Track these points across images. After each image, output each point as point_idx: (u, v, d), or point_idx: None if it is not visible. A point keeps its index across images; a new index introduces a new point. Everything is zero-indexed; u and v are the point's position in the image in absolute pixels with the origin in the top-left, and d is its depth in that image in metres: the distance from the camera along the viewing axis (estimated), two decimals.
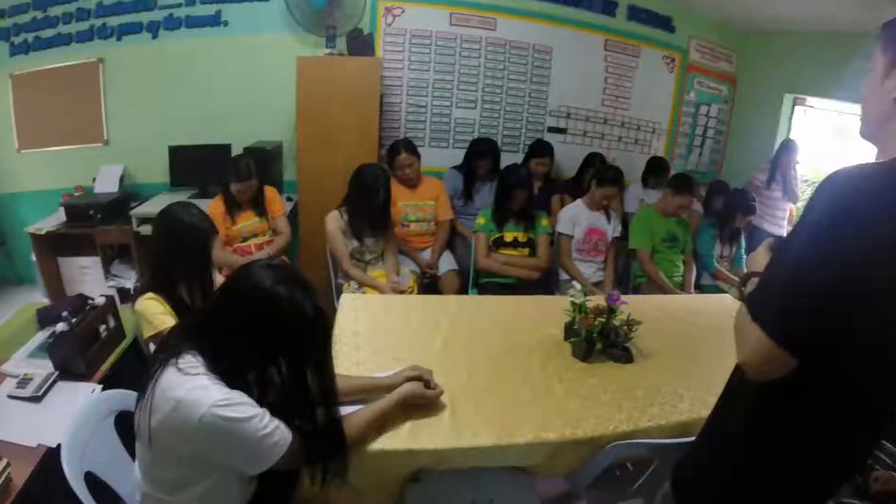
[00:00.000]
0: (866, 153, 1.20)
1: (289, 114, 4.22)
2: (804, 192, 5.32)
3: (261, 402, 1.43)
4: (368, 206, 3.33)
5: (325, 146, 4.01)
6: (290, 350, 1.42)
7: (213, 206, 3.48)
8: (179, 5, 4.30)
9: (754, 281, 1.35)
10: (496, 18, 4.85)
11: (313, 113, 3.99)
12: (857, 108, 1.23)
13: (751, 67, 5.96)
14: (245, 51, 4.46)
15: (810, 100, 5.59)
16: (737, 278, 4.35)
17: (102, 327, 2.50)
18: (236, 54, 4.47)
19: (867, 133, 1.22)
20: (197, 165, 4.42)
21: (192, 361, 1.37)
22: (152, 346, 2.16)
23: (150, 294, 2.16)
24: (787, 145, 5.17)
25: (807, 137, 5.63)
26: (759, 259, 1.47)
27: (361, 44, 4.25)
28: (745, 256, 4.51)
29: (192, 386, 1.32)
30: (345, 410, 1.62)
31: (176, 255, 2.20)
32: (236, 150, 4.25)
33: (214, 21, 4.38)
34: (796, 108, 5.72)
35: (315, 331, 1.43)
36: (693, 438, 1.47)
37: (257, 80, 4.53)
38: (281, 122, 4.53)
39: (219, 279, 2.38)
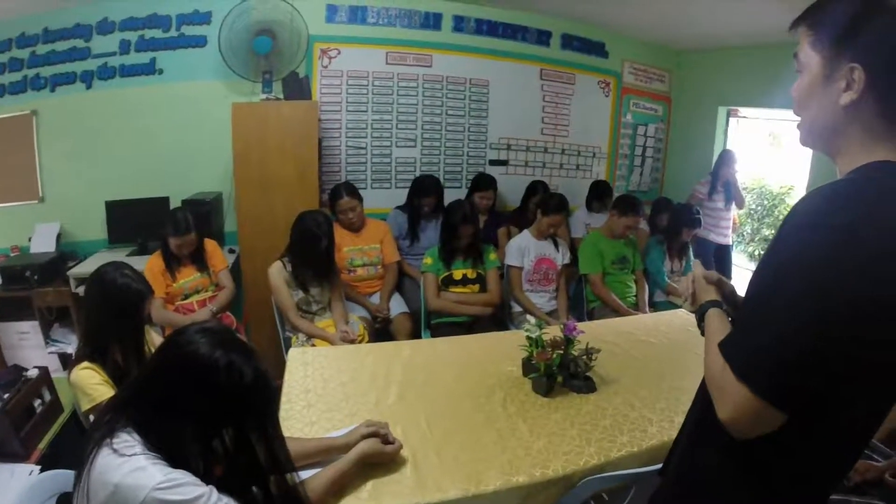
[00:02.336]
0: (799, 157, 1.13)
1: (227, 163, 4.08)
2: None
3: (207, 477, 1.32)
4: (312, 254, 3.25)
5: (265, 194, 3.91)
6: (232, 419, 1.32)
7: (151, 263, 3.37)
8: (113, 54, 4.18)
9: (716, 313, 1.29)
10: (432, 55, 4.88)
11: (251, 161, 3.88)
12: (787, 114, 1.19)
13: (684, 85, 6.18)
14: (180, 100, 4.36)
15: (743, 110, 5.79)
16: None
17: (37, 402, 2.37)
18: (172, 103, 4.36)
19: (814, 144, 1.12)
20: (135, 220, 4.23)
21: (127, 440, 1.26)
22: (92, 420, 2.02)
23: (86, 363, 2.06)
24: (725, 155, 5.33)
25: (742, 146, 5.85)
26: (702, 284, 1.43)
27: (298, 87, 4.17)
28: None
29: (129, 468, 1.21)
30: (301, 476, 1.53)
31: (108, 319, 2.10)
32: (174, 203, 4.09)
33: (149, 70, 4.26)
34: (730, 119, 5.91)
35: (257, 396, 1.34)
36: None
37: (194, 130, 4.42)
38: (219, 171, 4.41)
39: (159, 341, 2.28)
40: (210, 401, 1.29)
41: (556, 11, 5.13)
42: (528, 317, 3.67)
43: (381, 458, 1.77)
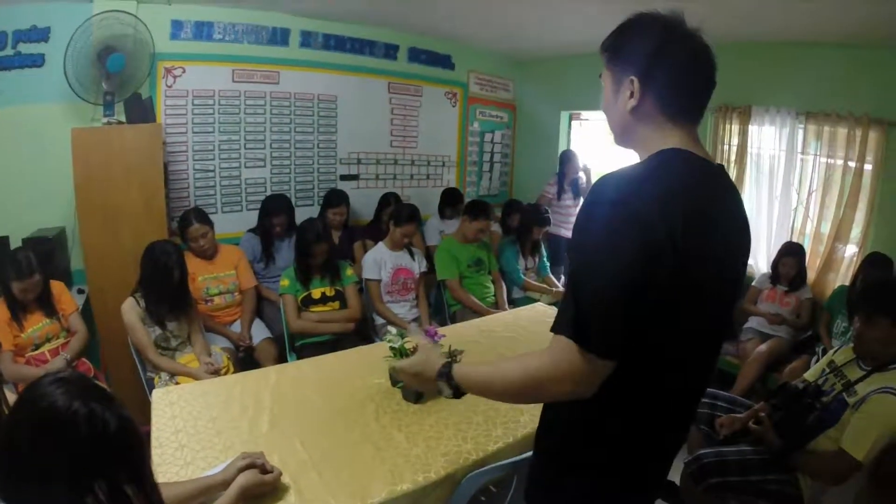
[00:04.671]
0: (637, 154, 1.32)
1: (68, 194, 3.74)
2: None
3: None
4: (164, 287, 3.13)
5: (110, 227, 3.65)
6: (102, 473, 1.23)
7: None
8: None
9: (458, 366, 1.45)
10: (279, 72, 4.81)
11: (93, 191, 3.62)
12: None
13: (527, 93, 6.55)
14: (16, 126, 3.90)
15: (584, 114, 6.22)
16: (545, 286, 4.68)
17: None
18: (7, 130, 3.89)
19: (619, 141, 1.34)
20: None
21: None
22: None
23: None
24: (566, 155, 5.70)
25: (585, 146, 6.26)
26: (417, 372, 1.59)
27: (141, 109, 3.92)
28: (548, 264, 4.91)
29: None
30: None
31: None
32: (15, 243, 3.67)
33: None
34: (573, 122, 6.33)
35: (124, 445, 1.26)
36: None
37: (32, 159, 3.97)
38: (61, 204, 3.99)
39: (14, 400, 2.13)
40: (75, 457, 1.21)
41: (404, 25, 5.25)
42: (390, 327, 3.70)
43: (262, 489, 1.74)
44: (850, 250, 4.35)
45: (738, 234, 1.29)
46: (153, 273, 3.13)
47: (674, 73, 1.20)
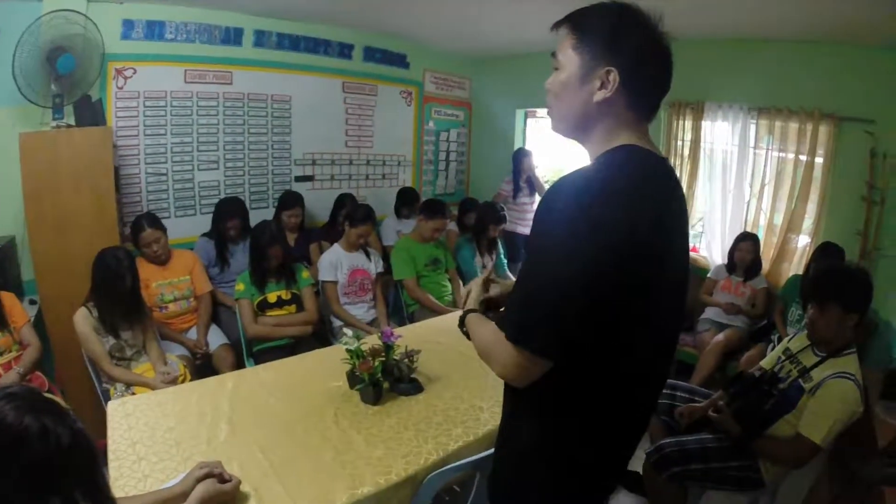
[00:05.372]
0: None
1: (17, 202, 3.59)
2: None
3: None
4: (116, 294, 3.05)
5: (61, 234, 3.55)
6: (57, 489, 1.20)
7: None
8: None
9: (474, 315, 1.45)
10: (232, 72, 4.74)
11: (43, 197, 3.51)
12: None
13: (483, 91, 6.58)
14: None
15: (540, 111, 6.26)
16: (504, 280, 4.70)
17: None
18: None
19: (565, 131, 1.29)
20: None
21: None
22: None
23: None
24: (520, 153, 5.76)
25: (541, 144, 6.34)
26: (475, 294, 1.58)
27: (91, 112, 3.82)
28: (505, 261, 4.95)
29: None
30: None
31: None
32: None
33: None
34: (528, 119, 6.39)
35: (79, 459, 1.23)
36: None
37: None
38: (10, 212, 3.83)
39: None
40: (28, 473, 1.17)
41: (358, 24, 5.22)
42: (346, 329, 3.68)
43: (221, 499, 1.72)
44: (803, 241, 4.49)
45: (685, 229, 1.32)
46: (104, 280, 3.05)
47: (655, 73, 1.19)
